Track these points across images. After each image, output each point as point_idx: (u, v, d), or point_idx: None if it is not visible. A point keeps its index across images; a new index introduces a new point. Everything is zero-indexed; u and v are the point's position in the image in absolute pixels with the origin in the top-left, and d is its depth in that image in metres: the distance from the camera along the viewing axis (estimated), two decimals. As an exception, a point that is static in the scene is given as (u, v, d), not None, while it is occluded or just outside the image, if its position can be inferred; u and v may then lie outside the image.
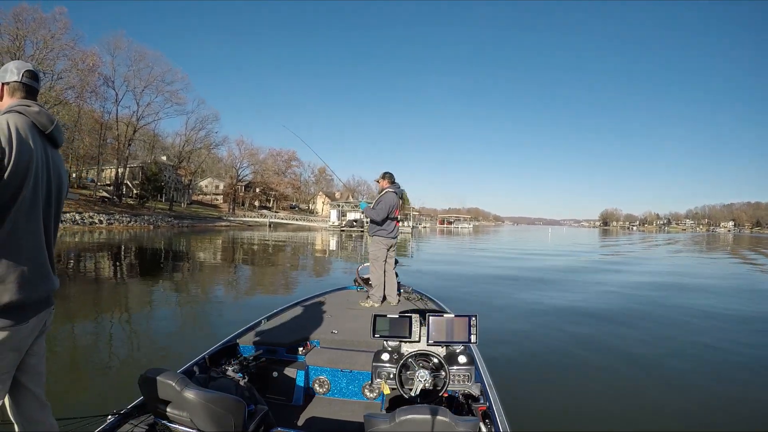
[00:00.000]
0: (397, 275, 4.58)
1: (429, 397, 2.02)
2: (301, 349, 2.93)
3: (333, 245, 28.55)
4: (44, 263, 1.53)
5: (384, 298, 4.37)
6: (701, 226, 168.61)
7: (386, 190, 4.53)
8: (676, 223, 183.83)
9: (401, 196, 4.69)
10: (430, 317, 2.20)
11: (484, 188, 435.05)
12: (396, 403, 2.09)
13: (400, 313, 2.29)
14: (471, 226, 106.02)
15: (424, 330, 2.22)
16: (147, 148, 52.99)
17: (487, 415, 1.98)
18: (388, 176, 4.57)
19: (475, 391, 2.14)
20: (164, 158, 56.83)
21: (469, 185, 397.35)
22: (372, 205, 4.57)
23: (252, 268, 14.90)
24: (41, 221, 1.51)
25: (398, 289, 4.56)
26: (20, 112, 1.48)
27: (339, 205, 63.32)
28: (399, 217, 4.59)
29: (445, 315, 2.21)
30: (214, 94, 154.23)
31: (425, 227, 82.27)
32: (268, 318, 3.47)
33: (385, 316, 2.27)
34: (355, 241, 32.95)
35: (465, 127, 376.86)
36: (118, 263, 14.37)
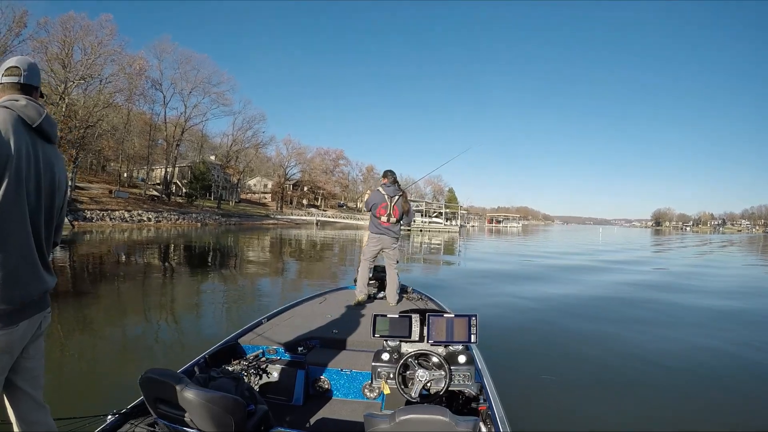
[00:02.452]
0: (397, 275, 4.51)
1: (429, 397, 2.02)
2: (301, 348, 2.89)
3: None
4: (34, 262, 1.47)
5: (376, 295, 4.51)
6: (758, 227, 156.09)
7: (376, 188, 4.61)
8: (731, 224, 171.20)
9: (398, 195, 4.50)
10: (430, 317, 2.19)
11: (534, 187, 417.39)
12: (396, 403, 2.11)
13: (400, 313, 2.26)
14: (520, 225, 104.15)
15: (424, 330, 2.21)
16: (195, 148, 54.70)
17: (487, 415, 1.96)
18: (389, 175, 4.58)
19: (475, 391, 2.11)
20: (213, 158, 58.28)
21: (518, 184, 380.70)
22: None
23: (297, 264, 15.13)
24: (27, 218, 1.43)
25: (398, 289, 4.51)
26: (6, 107, 1.43)
27: (387, 203, 61.07)
28: (387, 216, 4.44)
29: (445, 315, 2.20)
30: (260, 93, 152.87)
31: (473, 226, 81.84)
32: (269, 318, 3.48)
33: (385, 316, 2.24)
34: (402, 239, 31.54)
35: (516, 127, 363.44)
36: (158, 257, 14.51)
